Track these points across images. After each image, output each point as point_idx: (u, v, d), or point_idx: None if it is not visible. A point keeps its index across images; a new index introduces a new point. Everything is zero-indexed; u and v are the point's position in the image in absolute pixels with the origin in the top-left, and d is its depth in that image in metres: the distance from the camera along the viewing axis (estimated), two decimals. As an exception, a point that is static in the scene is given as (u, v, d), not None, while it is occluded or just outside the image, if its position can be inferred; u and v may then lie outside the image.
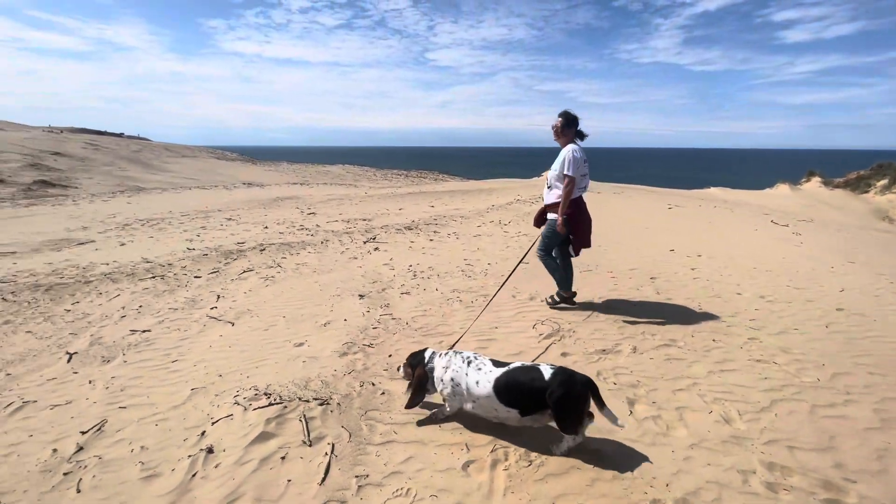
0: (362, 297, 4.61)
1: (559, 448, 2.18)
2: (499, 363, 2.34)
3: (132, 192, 17.39)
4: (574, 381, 2.12)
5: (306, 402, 2.64)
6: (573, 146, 3.82)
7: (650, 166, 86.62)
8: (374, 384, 2.86)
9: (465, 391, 2.31)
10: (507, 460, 2.16)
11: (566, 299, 4.15)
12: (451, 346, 2.85)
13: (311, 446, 2.28)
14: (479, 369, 2.31)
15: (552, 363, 2.28)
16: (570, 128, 3.89)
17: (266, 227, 9.10)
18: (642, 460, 2.14)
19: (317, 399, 2.67)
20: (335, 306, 4.38)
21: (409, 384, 2.56)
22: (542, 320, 3.86)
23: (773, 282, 5.01)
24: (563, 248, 4.08)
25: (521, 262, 4.20)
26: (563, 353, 3.23)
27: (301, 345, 3.52)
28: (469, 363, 2.35)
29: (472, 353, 2.45)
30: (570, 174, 3.74)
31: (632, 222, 8.90)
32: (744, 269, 5.49)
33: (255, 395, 2.73)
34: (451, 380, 2.35)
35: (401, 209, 11.57)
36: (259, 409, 2.57)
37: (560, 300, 4.16)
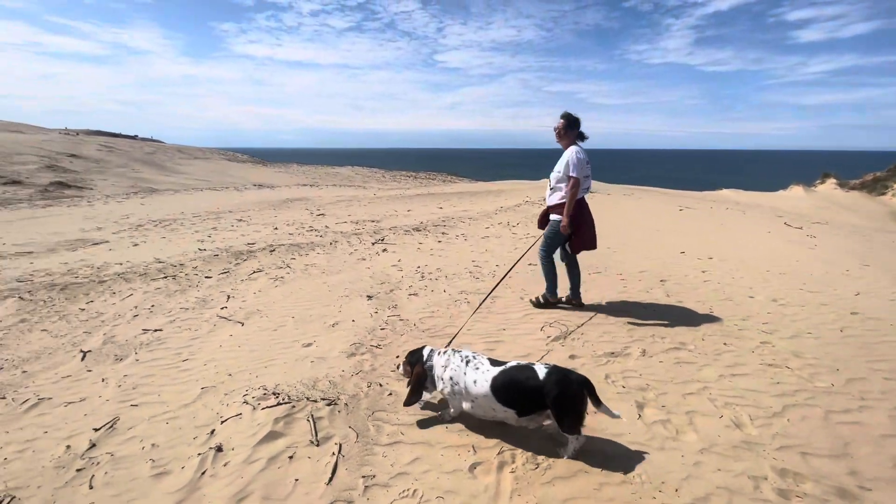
0: (370, 298, 4.63)
1: (566, 451, 2.17)
2: (496, 362, 2.34)
3: (145, 193, 17.66)
4: (570, 381, 2.12)
5: (314, 402, 2.66)
6: (576, 148, 3.84)
7: (660, 168, 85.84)
8: (381, 385, 2.86)
9: (464, 390, 2.32)
10: (513, 463, 2.15)
11: (550, 304, 4.23)
12: (448, 344, 2.84)
13: (318, 446, 2.30)
14: (477, 368, 2.31)
15: (547, 363, 2.27)
16: (573, 129, 3.91)
17: (276, 229, 9.18)
18: (651, 465, 2.12)
19: (324, 399, 2.68)
20: (343, 307, 4.40)
21: (408, 382, 2.56)
22: (550, 322, 3.84)
23: (786, 285, 4.94)
24: (566, 250, 4.10)
25: (525, 264, 4.20)
26: (572, 356, 3.22)
27: (309, 345, 3.54)
28: (467, 362, 2.36)
29: (471, 351, 2.45)
30: (574, 175, 3.75)
31: (642, 224, 8.82)
32: (756, 272, 5.41)
33: (264, 394, 2.76)
34: (451, 378, 2.36)
35: (409, 210, 11.60)
36: (267, 408, 2.59)
37: (544, 303, 4.24)
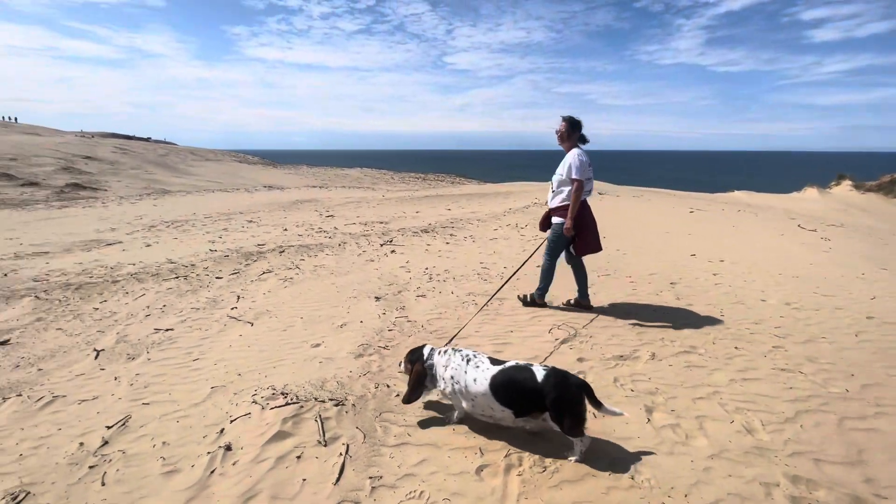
0: (378, 299, 4.65)
1: (573, 454, 2.16)
2: (496, 361, 2.35)
3: (158, 194, 17.93)
4: (568, 384, 2.12)
5: (322, 402, 2.67)
6: (578, 150, 3.85)
7: (671, 170, 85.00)
8: (388, 386, 2.87)
9: (464, 388, 2.33)
10: (521, 465, 2.14)
11: (536, 304, 4.28)
12: (448, 342, 2.85)
13: (326, 446, 2.31)
14: (477, 367, 2.33)
15: (546, 365, 2.27)
16: (574, 132, 3.92)
17: (285, 230, 9.26)
18: (660, 469, 2.10)
19: (332, 400, 2.70)
20: (351, 308, 4.42)
21: (409, 380, 2.57)
22: (559, 325, 3.82)
23: (800, 288, 4.86)
24: (570, 252, 4.11)
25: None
26: (580, 359, 3.19)
27: (318, 346, 3.56)
28: (468, 360, 2.37)
29: (471, 350, 2.47)
30: (578, 178, 3.76)
31: (652, 226, 8.75)
32: (768, 275, 5.34)
33: (273, 394, 2.78)
34: (451, 377, 2.38)
35: (417, 212, 11.63)
36: (276, 408, 2.61)
37: (530, 302, 4.30)
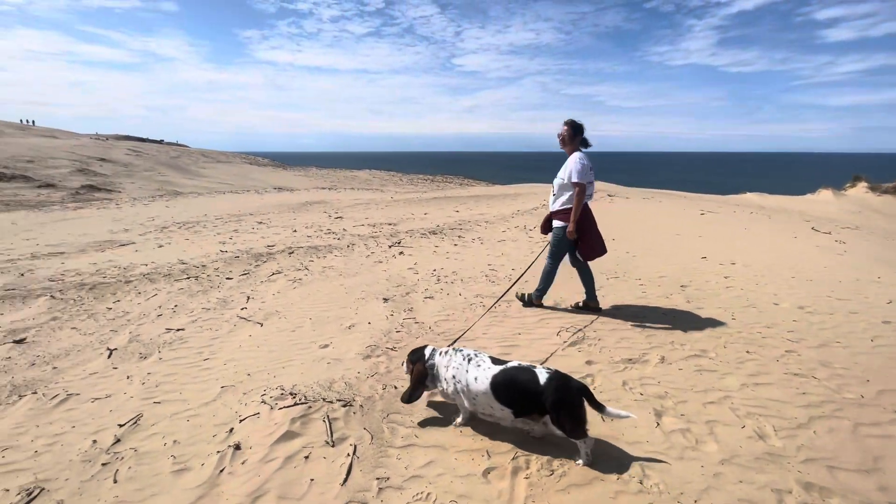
0: (386, 300, 4.66)
1: (580, 458, 2.15)
2: (497, 361, 2.38)
3: (170, 196, 18.18)
4: (569, 388, 2.13)
5: (330, 402, 2.69)
6: (579, 154, 3.86)
7: (682, 171, 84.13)
8: (396, 387, 2.88)
9: (465, 387, 2.35)
10: (528, 469, 2.13)
11: (533, 304, 4.30)
12: (451, 344, 2.89)
13: (333, 447, 2.32)
14: (479, 366, 2.35)
15: (549, 367, 2.27)
16: (577, 136, 3.92)
17: (295, 231, 9.33)
18: (669, 474, 2.08)
19: (340, 400, 2.71)
20: (360, 309, 4.44)
21: (411, 379, 2.60)
22: (567, 327, 3.80)
23: (814, 292, 4.78)
24: (575, 255, 4.11)
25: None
26: (588, 362, 3.17)
27: (326, 346, 3.58)
28: (469, 360, 2.40)
29: (473, 350, 2.49)
30: (579, 182, 3.77)
31: (662, 228, 8.67)
32: (781, 279, 5.26)
33: (282, 394, 2.80)
34: (453, 377, 2.41)
35: (426, 214, 11.65)
36: (285, 408, 2.63)
37: (528, 302, 4.32)
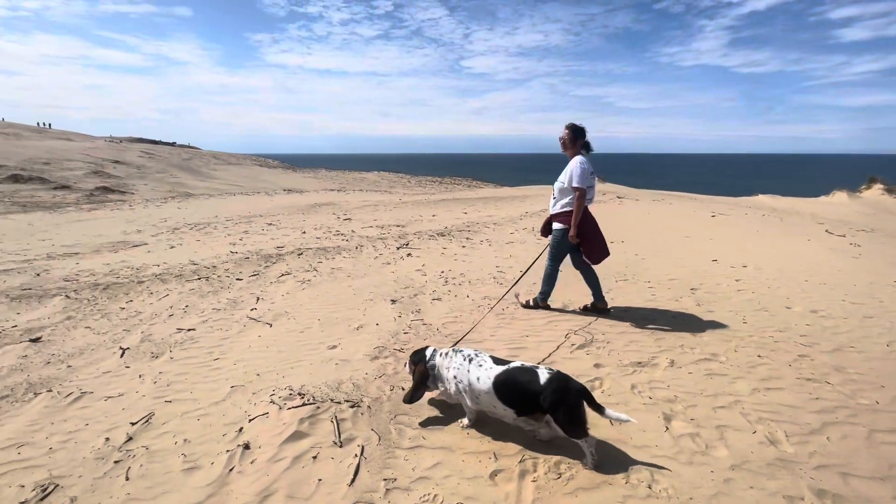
0: (394, 302, 4.68)
1: (585, 461, 2.15)
2: (499, 360, 2.41)
3: (182, 197, 18.42)
4: (568, 389, 2.13)
5: (338, 403, 2.70)
6: (580, 158, 3.87)
7: (692, 172, 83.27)
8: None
9: (468, 387, 2.38)
10: (535, 471, 2.13)
11: (539, 307, 4.31)
12: (454, 344, 2.93)
13: (341, 447, 2.33)
14: (480, 366, 2.38)
15: (551, 367, 2.28)
16: (578, 139, 3.93)
17: (304, 232, 9.40)
18: (679, 479, 2.06)
19: (348, 401, 2.73)
20: (368, 310, 4.46)
21: (413, 379, 2.65)
22: (575, 330, 3.78)
23: (827, 296, 4.70)
24: (576, 257, 4.14)
25: (527, 270, 4.43)
26: (596, 364, 3.16)
27: (334, 347, 3.61)
28: (470, 360, 2.43)
29: (473, 350, 2.52)
30: (580, 186, 3.78)
31: (672, 231, 8.59)
32: (794, 282, 5.18)
33: (290, 394, 2.82)
34: (455, 377, 2.44)
35: (434, 215, 11.67)
36: (293, 408, 2.65)
37: (533, 306, 4.34)
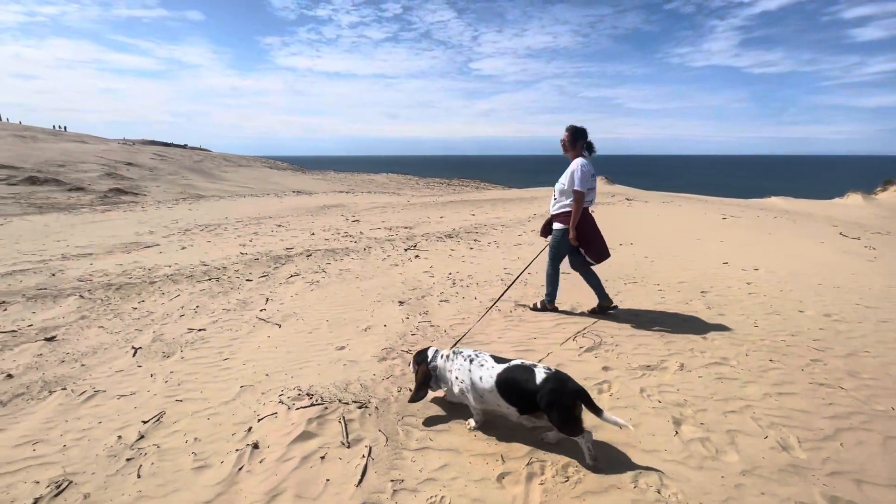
0: (402, 303, 4.69)
1: (584, 456, 2.17)
2: (500, 359, 2.44)
3: (193, 199, 18.65)
4: (564, 391, 2.14)
5: (346, 404, 2.71)
6: (581, 160, 3.86)
7: (703, 174, 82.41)
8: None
9: (471, 387, 2.41)
10: (543, 474, 2.12)
11: (547, 310, 4.30)
12: (454, 345, 2.97)
13: (349, 448, 2.34)
14: (482, 365, 2.42)
15: (549, 366, 2.28)
16: (578, 141, 3.93)
17: (313, 234, 9.46)
18: (688, 484, 2.03)
19: (356, 402, 2.74)
20: (376, 312, 4.48)
21: (416, 379, 2.68)
22: (584, 332, 3.76)
23: (841, 299, 4.62)
24: (575, 258, 4.13)
25: (522, 273, 4.49)
26: (605, 368, 3.14)
27: (342, 348, 3.63)
28: (471, 360, 2.47)
29: (473, 350, 2.55)
30: (579, 189, 3.79)
31: (681, 233, 8.51)
32: (807, 285, 5.10)
33: (299, 395, 2.84)
34: (457, 378, 2.48)
35: (442, 217, 11.68)
36: (301, 408, 2.67)
37: (541, 308, 4.32)
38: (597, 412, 2.13)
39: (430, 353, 2.65)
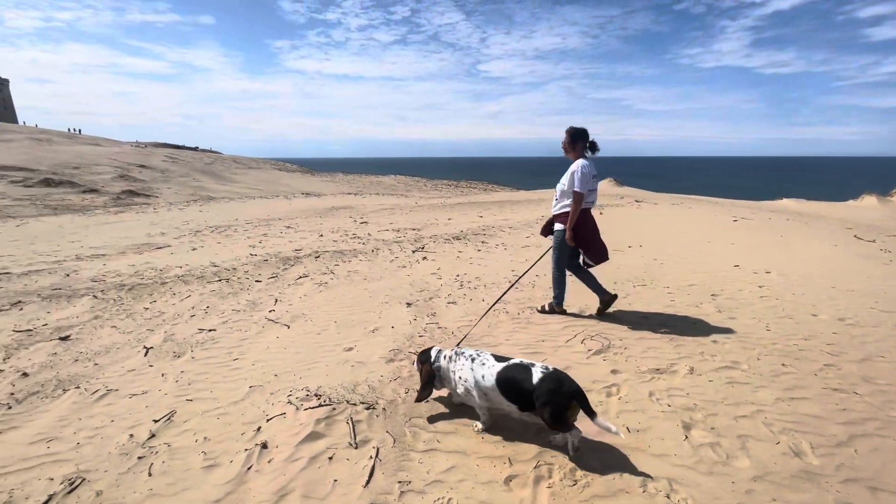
0: (410, 305, 4.70)
1: (560, 444, 2.24)
2: (500, 358, 2.47)
3: (204, 201, 18.87)
4: (560, 391, 2.15)
5: (354, 405, 2.73)
6: (582, 161, 3.87)
7: (713, 176, 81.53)
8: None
9: (475, 386, 2.44)
10: (551, 478, 2.11)
11: (556, 312, 4.27)
12: (457, 345, 2.98)
13: (356, 449, 2.35)
14: (484, 364, 2.45)
15: (547, 365, 2.30)
16: (578, 142, 3.93)
17: (321, 236, 9.52)
18: (698, 490, 2.01)
19: (363, 403, 2.75)
20: (383, 313, 4.49)
21: (420, 379, 2.71)
22: (592, 335, 3.74)
23: (856, 303, 4.54)
24: (574, 260, 4.14)
25: (525, 274, 4.52)
26: (614, 371, 3.11)
27: (350, 349, 3.64)
28: (472, 360, 2.50)
29: (475, 350, 2.58)
30: (578, 190, 3.79)
31: (691, 235, 8.42)
32: (820, 289, 5.02)
33: (307, 395, 2.86)
34: (460, 378, 2.51)
35: (450, 219, 11.69)
36: (310, 409, 2.68)
37: (549, 311, 4.30)
38: (591, 415, 2.14)
39: (434, 354, 2.69)
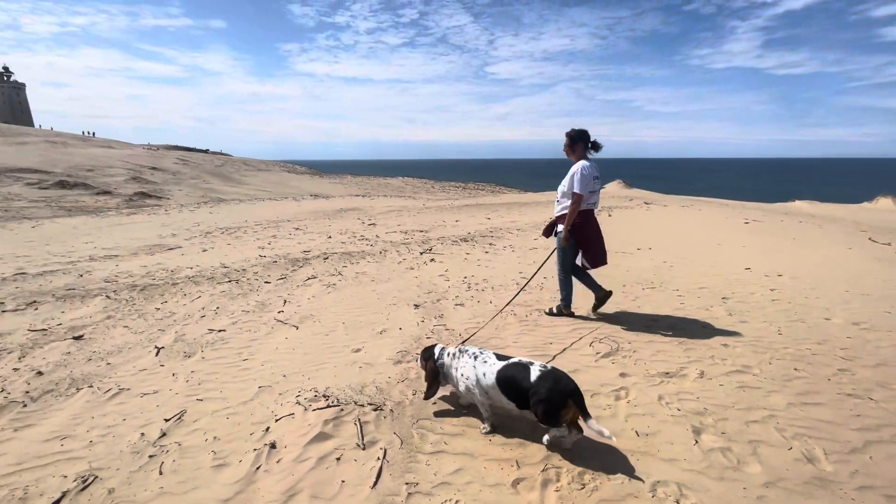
0: (417, 306, 4.71)
1: (544, 439, 2.26)
2: (501, 357, 2.49)
3: (214, 202, 19.07)
4: (557, 391, 2.16)
5: (361, 406, 2.74)
6: (583, 163, 3.87)
7: (724, 178, 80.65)
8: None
9: (477, 384, 2.45)
10: (558, 481, 2.10)
11: (564, 314, 4.27)
12: (461, 343, 3.01)
13: (364, 450, 2.36)
14: (485, 362, 2.47)
15: (545, 364, 2.31)
16: (578, 143, 3.94)
17: (329, 237, 9.58)
18: (709, 495, 1.99)
19: (371, 404, 2.76)
20: (391, 315, 4.50)
21: (425, 376, 2.74)
22: (601, 338, 3.72)
23: (870, 307, 4.46)
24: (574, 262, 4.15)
25: (532, 277, 4.55)
26: (622, 374, 3.09)
27: (358, 351, 3.66)
28: (475, 357, 2.52)
29: (478, 348, 2.61)
30: (578, 191, 3.80)
31: (702, 238, 8.34)
32: (834, 292, 4.94)
33: (315, 396, 2.88)
34: (463, 375, 2.53)
35: (457, 221, 11.69)
36: (318, 410, 2.70)
37: (557, 313, 4.29)
38: (585, 416, 2.14)
39: (437, 351, 2.71)
